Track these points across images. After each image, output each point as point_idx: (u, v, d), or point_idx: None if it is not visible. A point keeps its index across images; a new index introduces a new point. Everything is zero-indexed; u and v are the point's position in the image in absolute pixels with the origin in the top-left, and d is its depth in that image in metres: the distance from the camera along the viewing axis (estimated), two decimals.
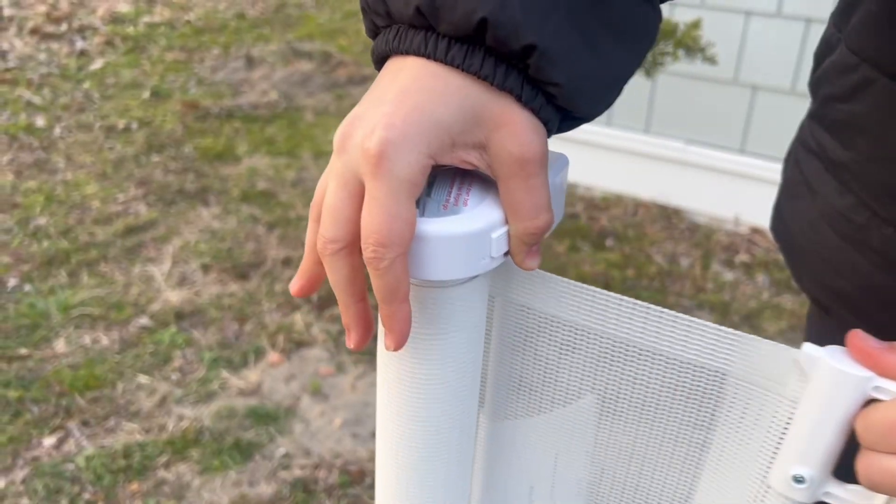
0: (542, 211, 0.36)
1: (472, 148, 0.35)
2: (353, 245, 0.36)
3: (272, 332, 2.03)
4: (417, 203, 0.36)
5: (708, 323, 0.37)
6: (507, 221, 0.37)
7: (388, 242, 0.34)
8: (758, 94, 2.36)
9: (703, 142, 2.50)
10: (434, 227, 0.35)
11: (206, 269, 2.29)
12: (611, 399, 0.43)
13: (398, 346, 0.37)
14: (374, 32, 0.38)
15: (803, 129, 0.64)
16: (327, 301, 2.14)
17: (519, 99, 0.34)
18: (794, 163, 0.64)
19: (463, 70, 0.34)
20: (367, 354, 1.93)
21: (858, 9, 0.54)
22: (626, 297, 0.39)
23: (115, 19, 4.44)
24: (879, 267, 0.55)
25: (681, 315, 0.38)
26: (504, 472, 0.49)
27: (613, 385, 0.42)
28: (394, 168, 0.33)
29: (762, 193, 2.43)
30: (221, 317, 2.09)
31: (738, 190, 2.47)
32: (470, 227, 0.35)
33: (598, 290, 0.39)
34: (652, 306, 0.39)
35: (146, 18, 4.51)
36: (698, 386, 0.40)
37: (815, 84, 0.61)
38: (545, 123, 0.36)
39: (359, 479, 1.62)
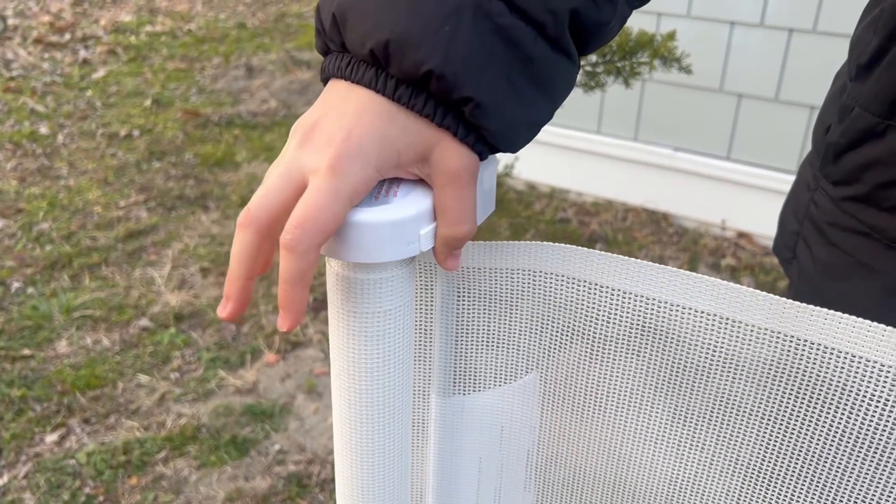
0: (467, 220, 0.41)
1: (414, 163, 0.40)
2: (267, 228, 0.39)
3: (268, 334, 2.08)
4: None
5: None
6: (434, 219, 0.41)
7: (310, 229, 0.37)
8: (743, 102, 2.41)
9: (691, 149, 2.55)
10: (366, 214, 0.39)
11: (204, 272, 2.35)
12: (551, 376, 0.47)
13: (292, 326, 0.39)
14: (324, 52, 0.43)
15: (829, 212, 0.68)
16: (322, 304, 2.20)
17: (455, 135, 0.40)
18: (826, 245, 0.69)
19: (407, 108, 0.39)
20: None
21: None
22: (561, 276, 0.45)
23: (118, 29, 4.51)
24: None
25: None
26: (456, 446, 0.53)
27: (554, 364, 0.47)
28: (343, 174, 0.37)
29: (748, 198, 2.48)
30: (219, 318, 2.14)
31: (725, 195, 2.52)
32: (398, 214, 0.40)
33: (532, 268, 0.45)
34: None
35: (148, 28, 4.58)
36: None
37: (857, 171, 0.64)
38: (478, 154, 0.41)
39: None
